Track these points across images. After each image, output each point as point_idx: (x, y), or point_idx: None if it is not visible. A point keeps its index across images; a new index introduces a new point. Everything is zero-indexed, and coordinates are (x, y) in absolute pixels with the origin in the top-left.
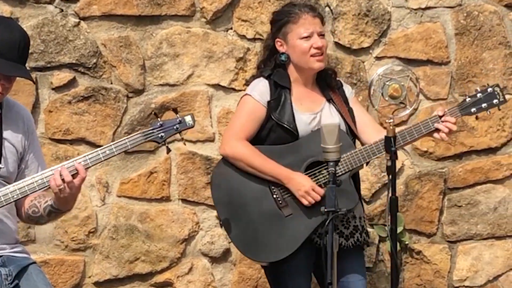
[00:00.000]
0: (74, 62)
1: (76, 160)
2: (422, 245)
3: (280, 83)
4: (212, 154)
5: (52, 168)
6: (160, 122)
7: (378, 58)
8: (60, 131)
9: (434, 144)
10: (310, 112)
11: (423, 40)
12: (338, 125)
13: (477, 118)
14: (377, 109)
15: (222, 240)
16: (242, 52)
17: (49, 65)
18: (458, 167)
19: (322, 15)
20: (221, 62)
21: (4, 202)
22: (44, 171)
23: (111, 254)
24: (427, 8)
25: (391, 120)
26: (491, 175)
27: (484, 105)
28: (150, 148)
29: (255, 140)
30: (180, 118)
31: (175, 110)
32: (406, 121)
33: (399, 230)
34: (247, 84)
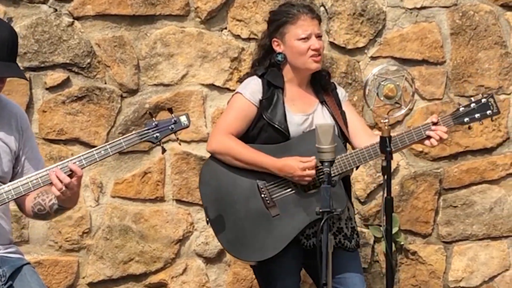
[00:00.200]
0: (68, 62)
1: (71, 161)
2: (418, 245)
3: (274, 82)
4: (207, 155)
5: (46, 169)
6: (155, 122)
7: (373, 58)
8: (54, 131)
9: None
10: (303, 113)
11: (418, 40)
12: (333, 125)
13: (469, 128)
14: (372, 109)
15: (216, 241)
16: (237, 52)
17: (43, 65)
18: (453, 168)
19: (320, 16)
20: (215, 62)
21: None
22: (39, 171)
23: (105, 254)
24: (423, 7)
25: (386, 120)
26: (486, 176)
27: (477, 115)
28: (144, 149)
29: (245, 139)
30: (175, 118)
31: (170, 110)
32: (401, 121)
33: (394, 230)
34: (240, 81)
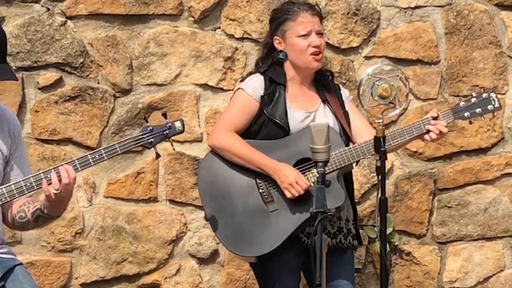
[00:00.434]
0: (60, 61)
1: (65, 163)
2: (412, 246)
3: (276, 79)
4: (200, 155)
5: (40, 172)
6: (150, 127)
7: (368, 58)
8: (46, 131)
9: (424, 145)
10: (304, 110)
11: (412, 39)
12: (327, 125)
13: (470, 123)
14: (366, 109)
15: (210, 241)
16: (230, 52)
17: (35, 64)
18: (448, 168)
19: (321, 14)
20: (209, 62)
21: None
22: (33, 174)
23: (98, 255)
24: (417, 7)
25: (381, 120)
26: (481, 176)
27: (478, 110)
28: (138, 149)
29: (246, 135)
30: (169, 123)
31: (164, 115)
32: (395, 121)
33: (389, 231)
34: (242, 80)
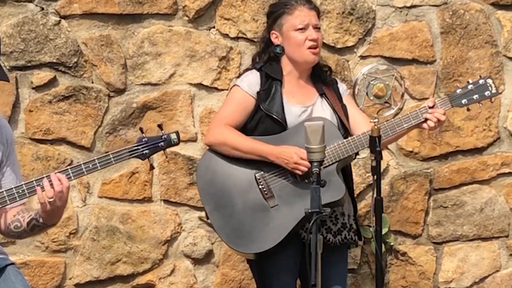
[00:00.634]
0: (54, 61)
1: (57, 172)
2: (407, 246)
3: (272, 74)
4: (195, 154)
5: (32, 180)
6: (145, 138)
7: (363, 57)
8: (40, 131)
9: (420, 144)
10: (301, 105)
11: (408, 39)
12: (322, 124)
13: (468, 110)
14: (361, 108)
15: (204, 241)
16: (225, 51)
17: (29, 64)
18: (443, 168)
19: (318, 8)
20: (203, 61)
21: None
22: (25, 182)
23: (92, 255)
24: (412, 6)
25: (376, 120)
26: (477, 176)
27: (475, 96)
28: None
29: (243, 131)
30: (165, 135)
31: (160, 126)
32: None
33: (384, 231)
34: (238, 76)
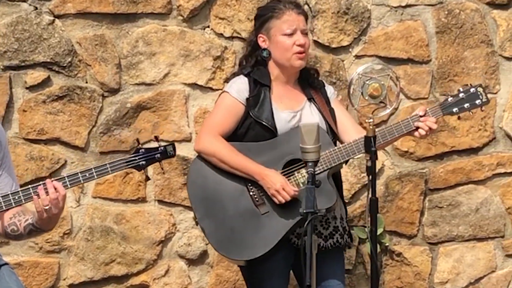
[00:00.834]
0: (48, 60)
1: (54, 180)
2: (403, 247)
3: (260, 80)
4: (189, 155)
5: (29, 186)
6: (142, 149)
7: (358, 57)
8: (34, 131)
9: (415, 144)
10: (290, 110)
11: (403, 38)
12: (317, 124)
13: (459, 119)
14: (356, 108)
15: (199, 242)
16: (220, 51)
17: (23, 64)
18: (439, 168)
19: (306, 13)
20: (198, 61)
21: None
22: (22, 188)
23: (86, 256)
24: (408, 6)
25: (371, 120)
26: (472, 176)
27: (466, 105)
28: (126, 148)
29: (233, 138)
30: (161, 147)
31: (156, 138)
32: (386, 120)
33: (379, 231)
34: (227, 81)
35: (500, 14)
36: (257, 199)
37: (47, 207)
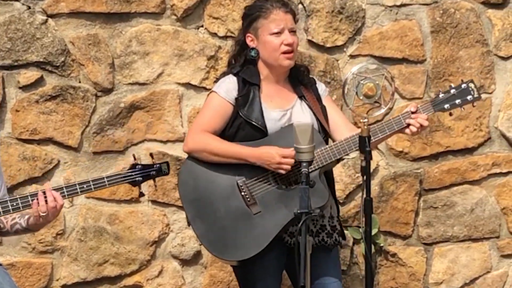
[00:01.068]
0: (41, 60)
1: (53, 189)
2: (397, 247)
3: (249, 80)
4: (183, 155)
5: (27, 194)
6: (139, 165)
7: (353, 57)
8: (27, 131)
9: (410, 144)
10: (280, 109)
11: (398, 38)
12: (311, 124)
13: (451, 115)
14: (351, 108)
15: (193, 242)
16: (214, 50)
17: (16, 63)
18: (434, 168)
19: (294, 11)
20: (192, 61)
21: None
22: (20, 195)
23: (79, 256)
24: (403, 5)
25: (366, 120)
26: (467, 176)
27: (458, 101)
28: (119, 148)
29: (223, 138)
30: (157, 165)
31: (151, 155)
32: (380, 120)
33: (374, 232)
34: (216, 81)
35: (495, 14)
36: (248, 199)
37: (44, 214)
